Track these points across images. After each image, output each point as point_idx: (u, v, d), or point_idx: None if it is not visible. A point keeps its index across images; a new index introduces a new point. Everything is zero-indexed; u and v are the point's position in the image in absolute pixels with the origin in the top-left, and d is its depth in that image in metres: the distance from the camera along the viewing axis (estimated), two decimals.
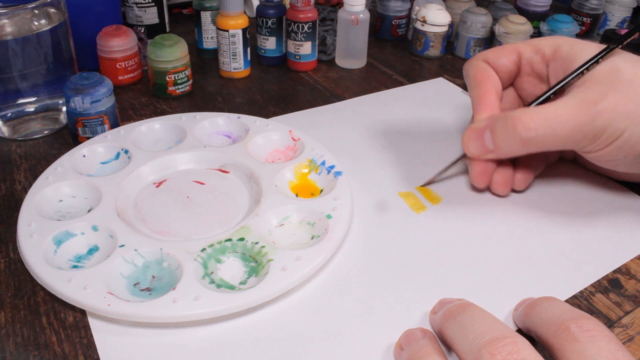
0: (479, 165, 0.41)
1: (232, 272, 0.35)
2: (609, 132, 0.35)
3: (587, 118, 0.35)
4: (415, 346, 0.28)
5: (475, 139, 0.39)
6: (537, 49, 0.42)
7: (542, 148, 0.37)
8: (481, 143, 0.39)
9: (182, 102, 0.57)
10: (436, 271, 0.37)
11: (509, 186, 0.43)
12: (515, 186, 0.43)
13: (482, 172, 0.41)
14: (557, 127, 0.35)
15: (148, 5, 0.67)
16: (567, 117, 0.35)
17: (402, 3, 0.73)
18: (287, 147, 0.47)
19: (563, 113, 0.36)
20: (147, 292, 0.34)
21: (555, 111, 0.36)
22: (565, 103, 0.36)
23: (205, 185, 0.44)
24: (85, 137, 0.48)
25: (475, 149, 0.40)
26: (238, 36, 0.60)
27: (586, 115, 0.35)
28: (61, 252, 0.36)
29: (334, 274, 0.36)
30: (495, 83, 0.42)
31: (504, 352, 0.24)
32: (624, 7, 0.78)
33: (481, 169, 0.41)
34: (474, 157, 0.40)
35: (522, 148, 0.37)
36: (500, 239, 0.40)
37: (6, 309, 0.33)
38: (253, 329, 0.32)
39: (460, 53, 0.70)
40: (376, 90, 0.61)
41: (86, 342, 0.31)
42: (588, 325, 0.26)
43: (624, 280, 0.37)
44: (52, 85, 0.50)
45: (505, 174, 0.42)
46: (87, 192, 0.41)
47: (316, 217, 0.39)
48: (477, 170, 0.41)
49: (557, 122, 0.35)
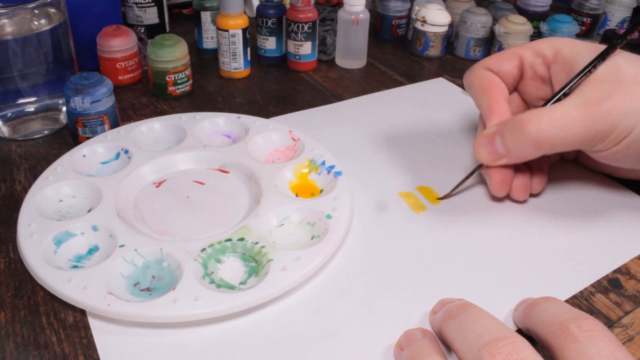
0: (498, 174, 0.41)
1: (232, 272, 0.35)
2: (619, 130, 0.35)
3: (596, 116, 0.35)
4: (415, 346, 0.28)
5: (486, 144, 0.39)
6: (537, 51, 0.42)
7: (553, 149, 0.37)
8: (492, 149, 0.39)
9: (182, 102, 0.57)
10: (436, 271, 0.37)
11: (528, 191, 0.42)
12: (533, 190, 0.43)
13: (502, 182, 0.41)
14: (567, 127, 0.35)
15: (148, 5, 0.67)
16: (576, 117, 0.35)
17: (402, 3, 0.73)
18: (287, 147, 0.47)
19: (572, 113, 0.35)
20: (147, 292, 0.34)
21: (563, 112, 0.36)
22: (572, 103, 0.36)
23: (205, 185, 0.44)
24: (85, 137, 0.48)
25: (487, 155, 0.39)
26: (238, 36, 0.60)
27: (593, 114, 0.35)
28: (61, 252, 0.36)
29: (334, 274, 0.36)
30: (503, 90, 0.42)
31: (504, 353, 0.24)
32: (624, 7, 0.78)
33: (500, 178, 0.41)
34: (487, 163, 0.40)
35: (533, 150, 0.37)
36: (500, 239, 0.40)
37: (6, 309, 0.33)
38: (253, 329, 0.32)
39: (460, 53, 0.70)
40: (376, 90, 0.61)
41: (86, 342, 0.31)
42: (588, 326, 0.26)
43: (624, 280, 0.37)
44: (52, 85, 0.50)
45: (524, 179, 0.42)
46: (87, 192, 0.41)
47: (316, 217, 0.39)
48: (497, 181, 0.41)
49: (566, 123, 0.35)
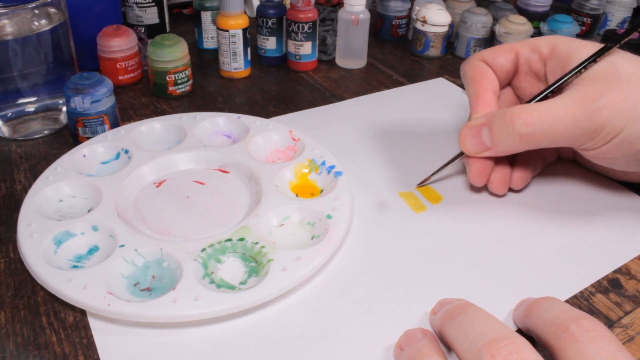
0: (477, 163, 0.41)
1: (232, 272, 0.35)
2: (608, 130, 0.35)
3: (586, 114, 0.35)
4: (416, 347, 0.28)
5: (473, 136, 0.39)
6: (534, 47, 0.42)
7: (540, 144, 0.37)
8: (479, 140, 0.39)
9: (182, 102, 0.57)
10: (436, 271, 0.37)
11: (506, 185, 0.43)
12: (513, 185, 0.43)
13: (480, 171, 0.41)
14: (556, 123, 0.35)
15: (148, 5, 0.67)
16: (565, 113, 0.35)
17: (402, 3, 0.73)
18: (287, 147, 0.47)
19: (561, 109, 0.35)
20: (147, 292, 0.34)
21: (553, 108, 0.36)
22: (563, 100, 0.36)
23: (205, 185, 0.44)
24: (85, 137, 0.48)
25: (473, 147, 0.40)
26: (238, 36, 0.60)
27: (585, 111, 0.35)
28: (61, 252, 0.36)
29: (334, 274, 0.36)
30: (492, 81, 0.42)
31: (504, 353, 0.24)
32: (624, 7, 0.78)
33: (479, 167, 0.41)
34: (472, 154, 0.40)
35: (520, 144, 0.37)
36: (500, 239, 0.40)
37: (6, 309, 0.33)
38: (253, 329, 0.32)
39: (461, 53, 0.70)
40: (376, 90, 0.61)
41: (86, 342, 0.31)
42: (588, 326, 0.26)
43: (624, 281, 0.37)
44: (52, 85, 0.50)
45: (503, 173, 0.42)
46: (87, 192, 0.41)
47: (316, 217, 0.39)
48: (475, 169, 0.41)
49: (555, 118, 0.35)
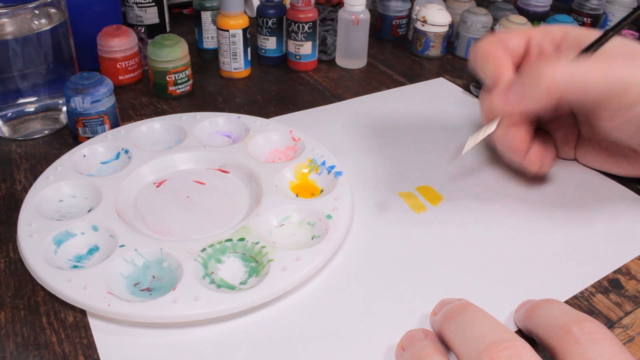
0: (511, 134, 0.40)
1: (232, 272, 0.35)
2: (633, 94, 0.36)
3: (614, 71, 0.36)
4: (418, 347, 0.28)
5: (501, 94, 0.39)
6: (547, 32, 0.43)
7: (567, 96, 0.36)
8: (506, 97, 0.38)
9: (182, 102, 0.57)
10: (436, 271, 0.37)
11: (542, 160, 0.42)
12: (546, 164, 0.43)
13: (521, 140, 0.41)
14: (586, 75, 0.36)
15: (148, 5, 0.67)
16: (594, 68, 0.36)
17: (402, 3, 0.73)
18: (288, 147, 0.47)
19: (590, 66, 0.36)
20: (147, 292, 0.34)
21: (582, 63, 0.36)
22: (591, 59, 0.37)
23: (206, 185, 0.44)
24: (85, 137, 0.48)
25: (501, 104, 0.39)
26: (238, 36, 0.60)
27: (614, 68, 0.36)
28: (61, 252, 0.36)
29: (334, 274, 0.36)
30: (509, 58, 0.42)
31: (505, 356, 0.24)
32: (624, 7, 0.78)
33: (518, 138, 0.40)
34: (501, 112, 0.39)
35: (547, 94, 0.36)
36: (500, 239, 0.40)
37: (6, 309, 0.33)
38: (253, 329, 0.32)
39: (461, 53, 0.70)
40: (376, 90, 0.61)
41: (86, 342, 0.31)
42: (590, 328, 0.26)
43: (624, 281, 0.37)
44: (52, 85, 0.50)
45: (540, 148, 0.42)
46: (87, 192, 0.41)
47: (316, 217, 0.39)
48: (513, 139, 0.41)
49: (587, 71, 0.36)
